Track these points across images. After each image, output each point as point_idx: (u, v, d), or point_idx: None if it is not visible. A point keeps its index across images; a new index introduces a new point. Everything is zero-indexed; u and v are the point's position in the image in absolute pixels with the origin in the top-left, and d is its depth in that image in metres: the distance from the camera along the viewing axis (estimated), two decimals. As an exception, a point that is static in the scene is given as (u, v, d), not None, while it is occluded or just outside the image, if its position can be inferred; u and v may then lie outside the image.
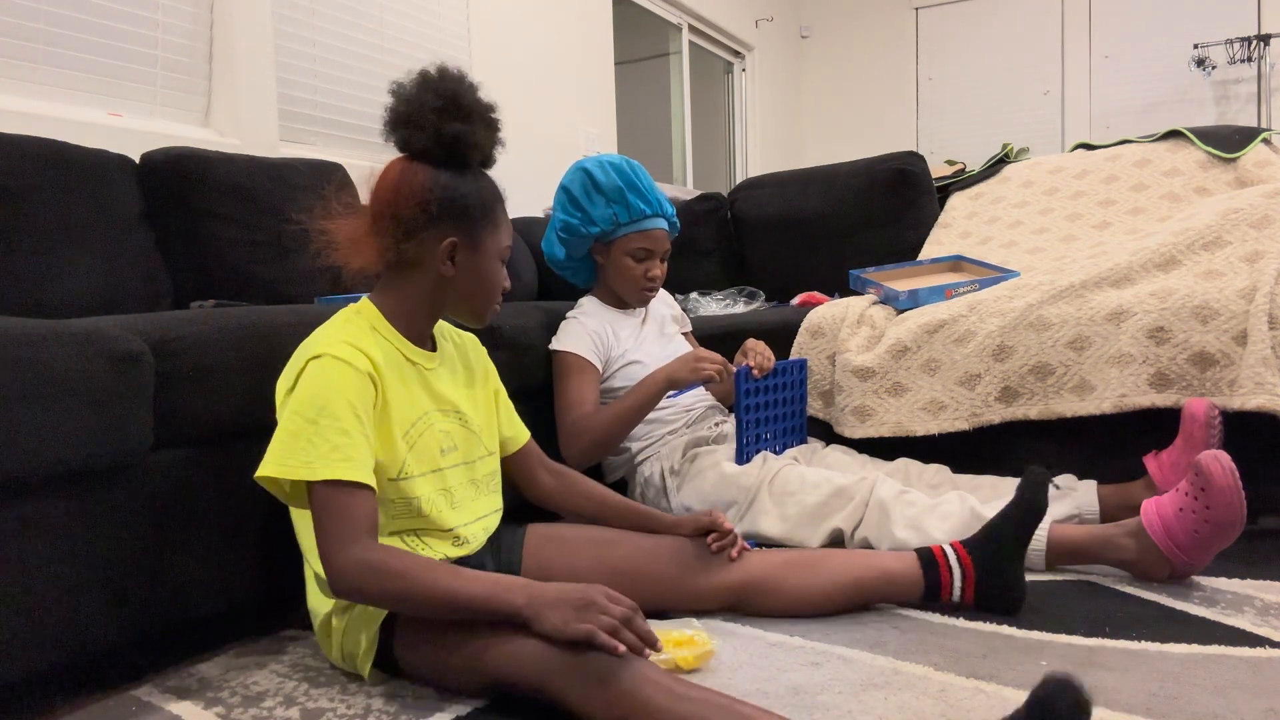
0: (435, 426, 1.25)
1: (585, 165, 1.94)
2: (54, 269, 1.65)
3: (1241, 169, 2.32)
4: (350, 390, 1.12)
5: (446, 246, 1.22)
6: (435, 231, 1.22)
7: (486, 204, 1.26)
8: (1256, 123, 5.11)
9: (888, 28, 6.20)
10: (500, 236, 1.29)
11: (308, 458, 1.08)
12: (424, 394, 1.26)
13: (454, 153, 1.23)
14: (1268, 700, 1.05)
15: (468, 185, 1.24)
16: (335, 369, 1.12)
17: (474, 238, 1.25)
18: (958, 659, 1.20)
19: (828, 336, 2.08)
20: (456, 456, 1.29)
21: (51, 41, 2.00)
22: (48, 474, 1.06)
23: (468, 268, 1.25)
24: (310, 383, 1.12)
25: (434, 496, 1.24)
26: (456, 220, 1.23)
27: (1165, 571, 1.44)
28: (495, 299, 1.31)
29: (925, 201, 2.73)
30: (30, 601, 1.06)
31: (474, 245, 1.25)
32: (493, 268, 1.29)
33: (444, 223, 1.22)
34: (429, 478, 1.23)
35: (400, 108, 1.23)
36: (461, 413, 1.31)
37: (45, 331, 1.08)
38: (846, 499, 1.64)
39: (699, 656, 1.20)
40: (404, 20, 2.97)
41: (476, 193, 1.25)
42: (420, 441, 1.22)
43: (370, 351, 1.17)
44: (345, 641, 1.20)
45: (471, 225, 1.24)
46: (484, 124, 1.24)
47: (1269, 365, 1.61)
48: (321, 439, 1.09)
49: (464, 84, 1.24)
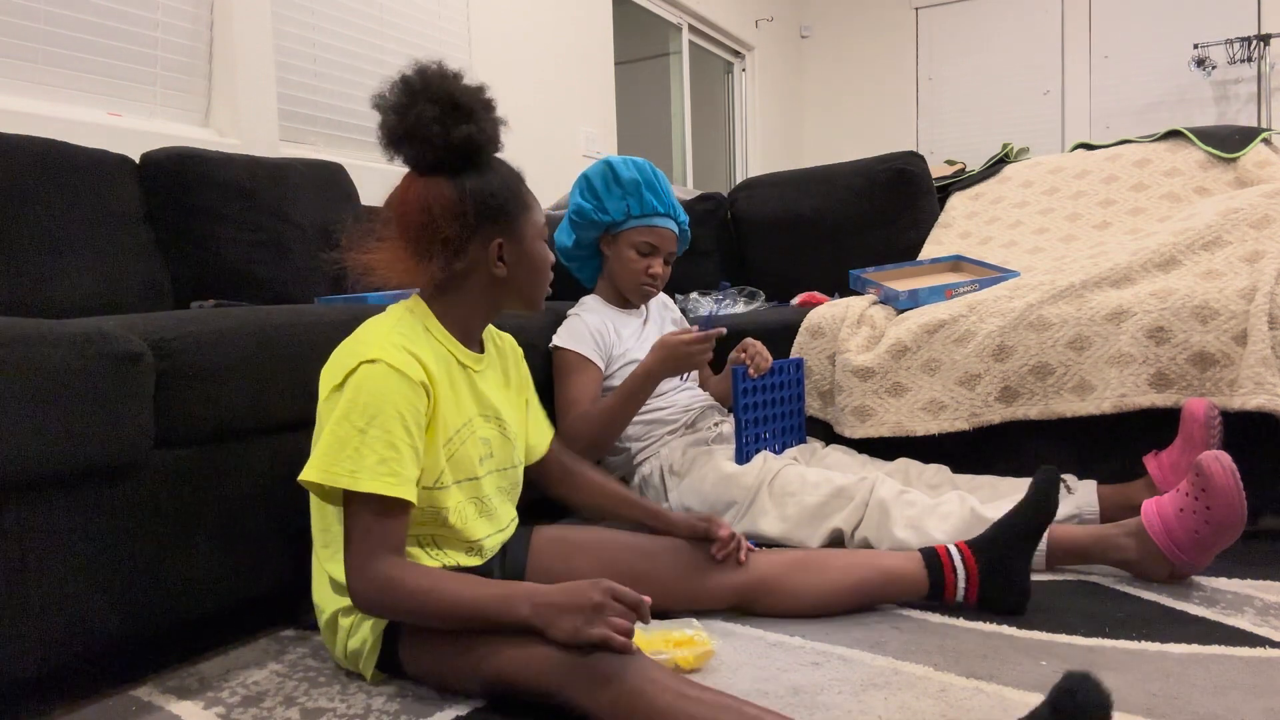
0: (476, 434, 1.25)
1: (610, 160, 1.99)
2: (54, 269, 1.65)
3: (1241, 169, 2.32)
4: (403, 401, 1.10)
5: (494, 249, 1.22)
6: (479, 239, 1.21)
7: (515, 191, 1.25)
8: (1256, 123, 5.11)
9: (888, 28, 6.20)
10: (535, 217, 1.28)
11: (353, 467, 1.07)
12: (470, 399, 1.25)
13: (470, 156, 1.20)
14: (1268, 700, 1.05)
15: (494, 181, 1.23)
16: (389, 378, 1.10)
17: (515, 230, 1.25)
18: (958, 659, 1.20)
19: (828, 336, 2.08)
20: (492, 464, 1.30)
21: (51, 41, 2.00)
22: (48, 474, 1.06)
23: (517, 261, 1.26)
24: (362, 389, 1.09)
25: (462, 506, 1.23)
26: (495, 220, 1.22)
27: (1165, 571, 1.44)
28: (547, 280, 1.31)
29: (925, 201, 2.73)
30: (30, 601, 1.06)
31: (517, 237, 1.25)
32: (538, 251, 1.28)
33: (484, 227, 1.21)
34: (463, 486, 1.23)
35: (395, 123, 1.18)
36: (502, 420, 1.31)
37: (45, 331, 1.08)
38: (846, 499, 1.64)
39: (699, 656, 1.20)
40: (404, 20, 2.97)
41: (503, 185, 1.24)
42: (460, 451, 1.22)
43: (423, 356, 1.15)
44: (351, 639, 1.20)
45: (510, 219, 1.24)
46: (486, 114, 1.21)
47: (1269, 365, 1.61)
48: (369, 450, 1.08)
49: (454, 81, 1.19)
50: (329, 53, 2.69)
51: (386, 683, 1.20)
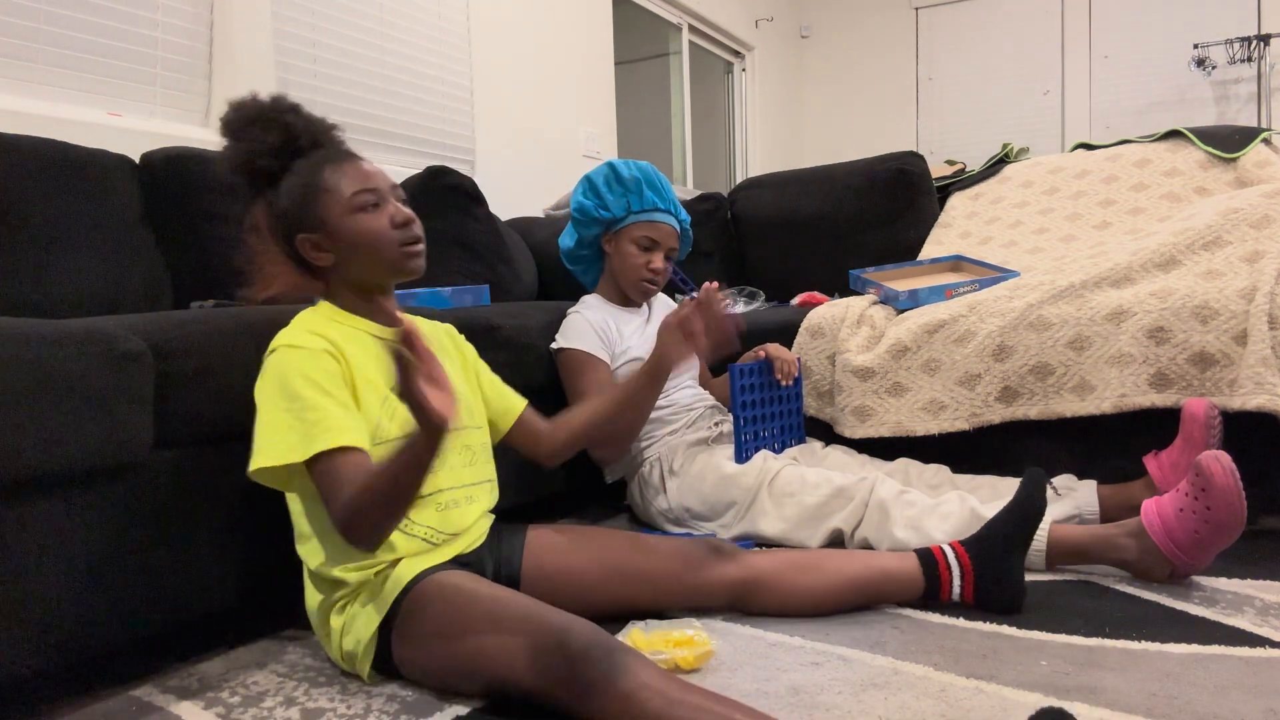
0: None
1: (613, 161, 2.01)
2: (54, 269, 1.65)
3: (1241, 169, 2.32)
4: (309, 369, 1.15)
5: (304, 246, 1.27)
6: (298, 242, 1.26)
7: (307, 183, 1.26)
8: (1256, 123, 5.11)
9: (888, 28, 6.20)
10: (339, 193, 1.25)
11: (291, 441, 1.11)
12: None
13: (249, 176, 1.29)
14: (1268, 700, 1.05)
15: (288, 183, 1.27)
16: (289, 355, 1.16)
17: (317, 218, 1.26)
18: (958, 659, 1.20)
19: (827, 336, 2.08)
20: None
21: (51, 41, 2.00)
22: (48, 474, 1.06)
23: (336, 245, 1.26)
24: (271, 376, 1.17)
25: None
26: (296, 220, 1.26)
27: (1165, 572, 1.44)
28: (386, 245, 1.26)
29: (925, 201, 2.73)
30: (30, 601, 1.06)
31: (321, 226, 1.26)
32: (352, 225, 1.25)
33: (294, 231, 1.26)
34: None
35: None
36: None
37: (45, 331, 1.08)
38: (846, 499, 1.64)
39: (699, 656, 1.20)
40: (404, 21, 2.97)
41: (294, 184, 1.27)
42: (399, 410, 1.22)
43: (326, 333, 1.20)
44: (344, 640, 1.20)
45: (308, 212, 1.26)
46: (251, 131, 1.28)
47: (1269, 365, 1.61)
48: (298, 420, 1.12)
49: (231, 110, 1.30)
50: (329, 53, 2.69)
51: (386, 683, 1.20)
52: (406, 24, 2.98)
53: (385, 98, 2.89)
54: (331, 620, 1.22)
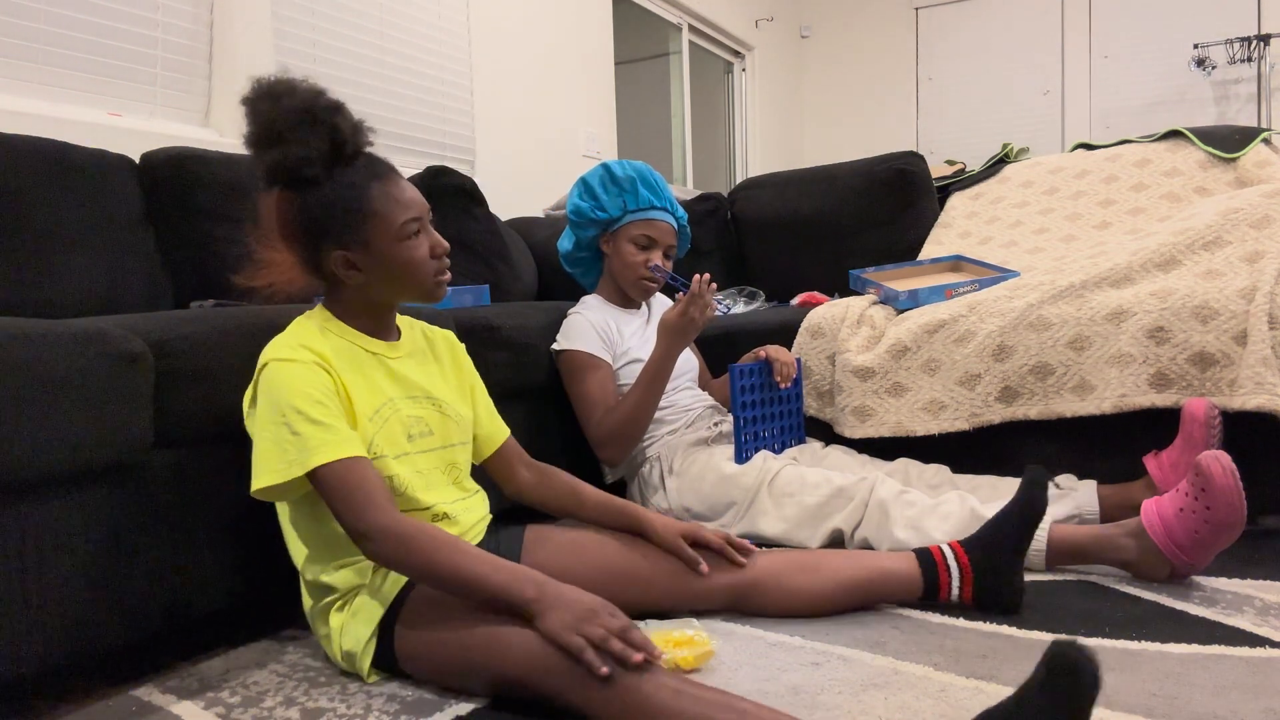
0: (401, 412, 1.26)
1: (607, 163, 2.01)
2: (54, 269, 1.65)
3: (1241, 169, 2.32)
4: (302, 382, 1.14)
5: (338, 261, 1.22)
6: (324, 252, 1.21)
7: (355, 202, 1.20)
8: (1256, 123, 5.11)
9: (888, 28, 6.20)
10: (391, 219, 1.21)
11: (292, 456, 1.11)
12: (387, 381, 1.26)
13: (287, 178, 1.20)
14: (1268, 700, 1.05)
15: (328, 194, 1.19)
16: (282, 370, 1.15)
17: (360, 239, 1.21)
18: (958, 659, 1.20)
19: (827, 336, 2.08)
20: (433, 441, 1.30)
21: (51, 41, 2.00)
22: (48, 474, 1.06)
23: (372, 267, 1.23)
24: (265, 392, 1.15)
25: (409, 477, 1.25)
26: (331, 233, 1.20)
27: (1165, 572, 1.44)
28: (424, 275, 1.25)
29: (925, 201, 2.73)
30: (30, 601, 1.06)
31: (364, 246, 1.21)
32: (397, 253, 1.22)
33: (325, 241, 1.21)
34: (400, 460, 1.25)
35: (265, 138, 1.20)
36: (435, 399, 1.32)
37: (45, 331, 1.08)
38: (846, 499, 1.64)
39: (699, 657, 1.20)
40: (404, 20, 2.97)
41: (339, 198, 1.19)
42: (386, 428, 1.23)
43: (316, 347, 1.19)
44: (344, 640, 1.20)
45: (351, 230, 1.20)
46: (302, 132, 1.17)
47: (1269, 365, 1.61)
48: (298, 433, 1.11)
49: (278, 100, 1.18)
50: (329, 53, 2.69)
51: (386, 682, 1.20)
52: (406, 24, 2.98)
53: (385, 98, 2.89)
54: (331, 620, 1.22)
